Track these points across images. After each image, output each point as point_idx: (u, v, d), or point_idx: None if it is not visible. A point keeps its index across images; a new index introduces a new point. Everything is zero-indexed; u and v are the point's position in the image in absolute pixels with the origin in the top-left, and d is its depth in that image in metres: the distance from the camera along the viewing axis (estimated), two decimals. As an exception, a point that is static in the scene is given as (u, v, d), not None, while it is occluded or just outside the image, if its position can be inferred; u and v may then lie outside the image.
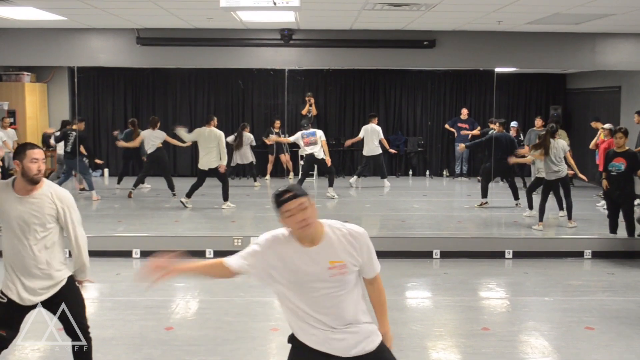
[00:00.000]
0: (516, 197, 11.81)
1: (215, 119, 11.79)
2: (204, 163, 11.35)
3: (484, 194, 11.77)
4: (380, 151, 14.08)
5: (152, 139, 12.74)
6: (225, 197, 11.51)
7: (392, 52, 9.59)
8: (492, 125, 13.67)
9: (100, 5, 7.61)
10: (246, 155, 14.38)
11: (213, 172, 11.39)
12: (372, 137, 13.95)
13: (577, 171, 9.90)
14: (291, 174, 15.36)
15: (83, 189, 12.86)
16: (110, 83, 15.90)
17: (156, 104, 16.07)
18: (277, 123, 15.00)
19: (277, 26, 9.25)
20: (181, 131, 11.78)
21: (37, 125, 14.71)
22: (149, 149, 12.78)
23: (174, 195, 12.55)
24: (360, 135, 14.14)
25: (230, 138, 13.97)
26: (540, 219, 9.93)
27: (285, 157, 15.10)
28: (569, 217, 10.06)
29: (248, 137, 14.42)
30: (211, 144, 11.30)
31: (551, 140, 9.77)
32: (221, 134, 11.48)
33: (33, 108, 14.52)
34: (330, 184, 12.76)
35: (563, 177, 9.84)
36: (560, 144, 9.79)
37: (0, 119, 13.01)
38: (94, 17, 8.47)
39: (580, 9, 7.56)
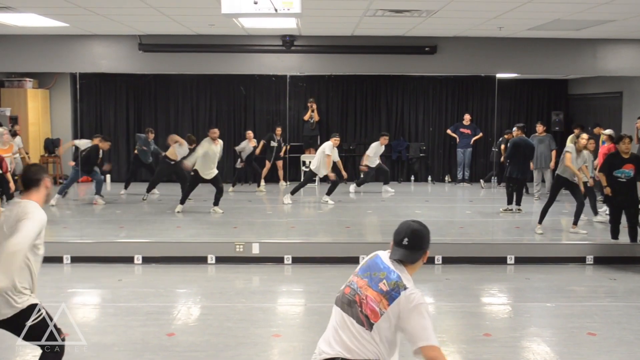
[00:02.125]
0: (518, 203, 11.82)
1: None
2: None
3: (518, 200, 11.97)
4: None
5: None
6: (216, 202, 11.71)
7: (394, 58, 9.60)
8: (507, 136, 13.75)
9: (102, 11, 7.64)
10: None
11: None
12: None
13: (581, 183, 9.89)
14: (281, 182, 15.29)
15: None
16: (112, 89, 15.93)
17: (158, 110, 16.10)
18: (279, 130, 15.01)
19: (279, 32, 9.27)
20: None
21: (39, 131, 14.72)
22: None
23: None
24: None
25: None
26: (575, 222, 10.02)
27: (280, 164, 15.11)
28: (575, 222, 10.01)
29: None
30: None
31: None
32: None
33: (35, 114, 14.54)
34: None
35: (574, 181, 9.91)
36: (586, 154, 9.89)
37: (11, 126, 13.06)
38: (96, 23, 8.50)
39: (581, 15, 7.57)
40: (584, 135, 10.11)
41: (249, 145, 14.48)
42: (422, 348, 3.11)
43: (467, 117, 15.91)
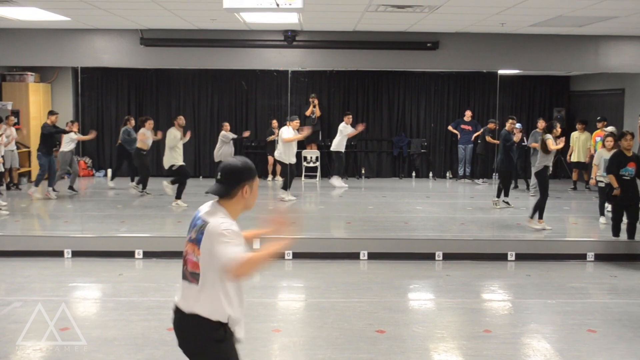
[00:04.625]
0: (498, 196, 11.92)
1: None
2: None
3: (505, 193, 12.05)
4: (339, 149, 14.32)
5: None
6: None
7: (396, 53, 9.60)
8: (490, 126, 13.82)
9: (104, 6, 7.64)
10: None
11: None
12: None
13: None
14: (277, 176, 15.27)
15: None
16: (113, 83, 15.93)
17: (159, 105, 16.09)
18: (275, 122, 15.00)
19: (281, 27, 9.27)
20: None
21: (41, 125, 14.71)
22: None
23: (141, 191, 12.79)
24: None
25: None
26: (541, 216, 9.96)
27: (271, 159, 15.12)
28: (531, 215, 10.00)
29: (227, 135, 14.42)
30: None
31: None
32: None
33: (37, 108, 14.54)
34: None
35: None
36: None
37: (5, 117, 13.02)
38: (98, 17, 8.50)
39: (584, 12, 7.56)
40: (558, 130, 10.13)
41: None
42: (227, 266, 3.09)
43: (468, 113, 15.90)
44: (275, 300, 7.19)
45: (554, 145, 9.60)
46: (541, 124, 13.60)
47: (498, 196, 12.01)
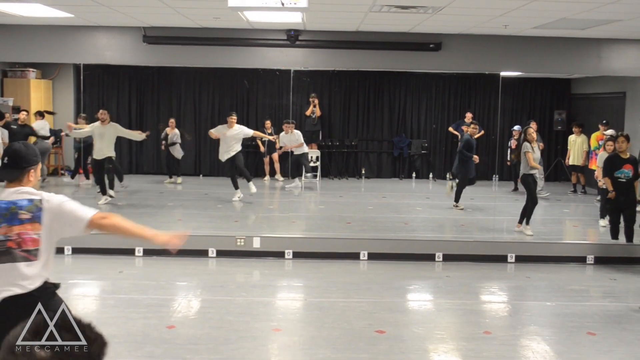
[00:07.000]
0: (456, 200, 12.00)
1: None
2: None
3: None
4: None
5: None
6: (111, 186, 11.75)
7: (398, 54, 9.59)
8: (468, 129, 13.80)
9: (107, 2, 7.63)
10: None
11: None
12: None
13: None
14: (277, 175, 15.21)
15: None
16: (115, 81, 15.91)
17: (161, 103, 16.10)
18: (268, 123, 14.94)
19: (284, 27, 9.26)
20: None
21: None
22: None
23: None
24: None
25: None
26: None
27: (275, 157, 15.06)
28: (520, 221, 10.00)
29: (175, 133, 14.36)
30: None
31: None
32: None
33: (38, 105, 14.51)
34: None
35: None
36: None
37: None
38: (101, 14, 8.49)
39: (587, 15, 7.56)
40: (533, 127, 10.11)
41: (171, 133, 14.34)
42: (92, 218, 3.47)
43: (468, 115, 15.87)
44: (275, 299, 7.20)
45: (534, 162, 9.67)
46: (533, 126, 13.58)
47: (456, 200, 12.01)
